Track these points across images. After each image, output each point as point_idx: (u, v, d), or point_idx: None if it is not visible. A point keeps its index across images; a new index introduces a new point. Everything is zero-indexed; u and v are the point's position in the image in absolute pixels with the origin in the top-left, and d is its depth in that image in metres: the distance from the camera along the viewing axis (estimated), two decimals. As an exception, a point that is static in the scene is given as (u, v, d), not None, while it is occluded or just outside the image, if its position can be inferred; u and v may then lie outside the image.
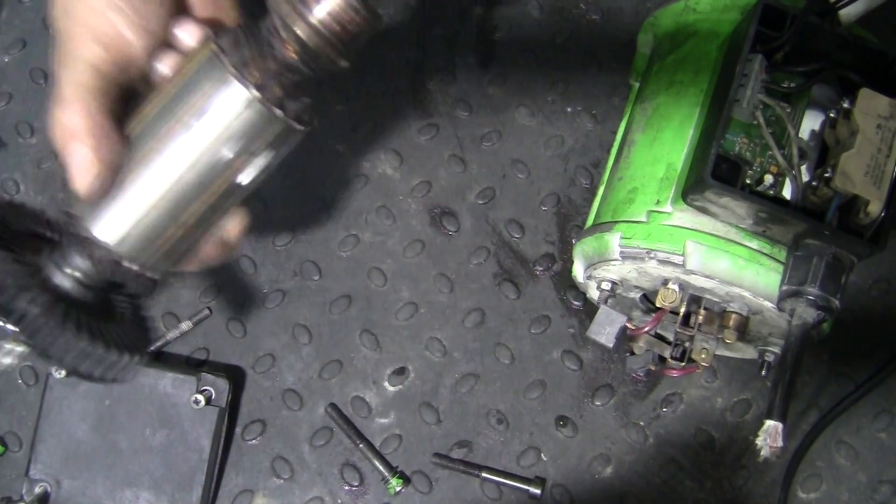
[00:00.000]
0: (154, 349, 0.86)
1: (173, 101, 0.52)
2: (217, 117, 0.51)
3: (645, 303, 0.74)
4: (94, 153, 0.51)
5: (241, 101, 0.51)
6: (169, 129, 0.52)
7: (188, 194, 0.52)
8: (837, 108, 0.65)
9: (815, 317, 0.62)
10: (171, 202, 0.52)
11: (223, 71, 0.50)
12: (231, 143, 0.51)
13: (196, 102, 0.51)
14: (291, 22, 0.50)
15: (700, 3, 0.76)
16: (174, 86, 0.52)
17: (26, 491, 0.80)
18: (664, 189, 0.69)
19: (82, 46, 0.53)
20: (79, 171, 0.51)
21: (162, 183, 0.52)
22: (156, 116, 0.52)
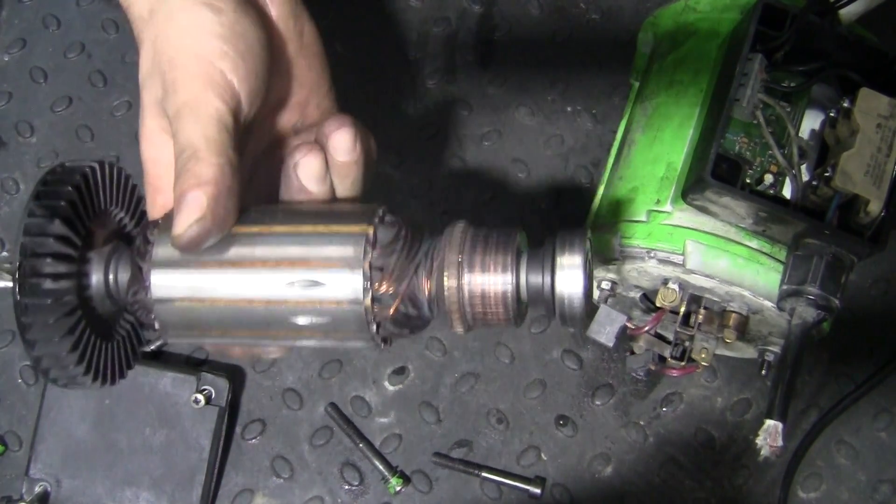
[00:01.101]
0: (154, 348, 0.86)
1: (300, 240, 0.51)
2: (322, 289, 0.50)
3: (645, 302, 0.74)
4: (211, 200, 0.50)
5: (350, 297, 0.50)
6: (278, 257, 0.51)
7: (248, 321, 0.51)
8: (837, 108, 0.65)
9: (814, 316, 0.62)
10: (229, 317, 0.52)
11: (358, 261, 0.49)
12: (314, 316, 0.50)
13: (315, 259, 0.50)
14: (448, 269, 0.50)
15: (700, 3, 0.76)
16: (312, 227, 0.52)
17: (26, 490, 0.80)
18: (664, 188, 0.69)
19: (203, 99, 0.52)
20: (188, 211, 0.50)
21: (233, 293, 0.51)
22: (275, 236, 0.51)
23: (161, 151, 0.55)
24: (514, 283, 0.50)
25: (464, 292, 0.50)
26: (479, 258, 0.50)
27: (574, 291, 0.49)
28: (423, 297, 0.50)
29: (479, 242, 0.50)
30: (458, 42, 0.95)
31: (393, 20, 0.96)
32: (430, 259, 0.50)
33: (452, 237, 0.51)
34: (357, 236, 0.50)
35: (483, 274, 0.50)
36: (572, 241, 0.50)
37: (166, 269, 0.51)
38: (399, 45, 0.95)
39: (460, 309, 0.50)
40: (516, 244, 0.51)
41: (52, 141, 0.93)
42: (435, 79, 0.94)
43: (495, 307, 0.50)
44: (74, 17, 0.98)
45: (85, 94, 0.95)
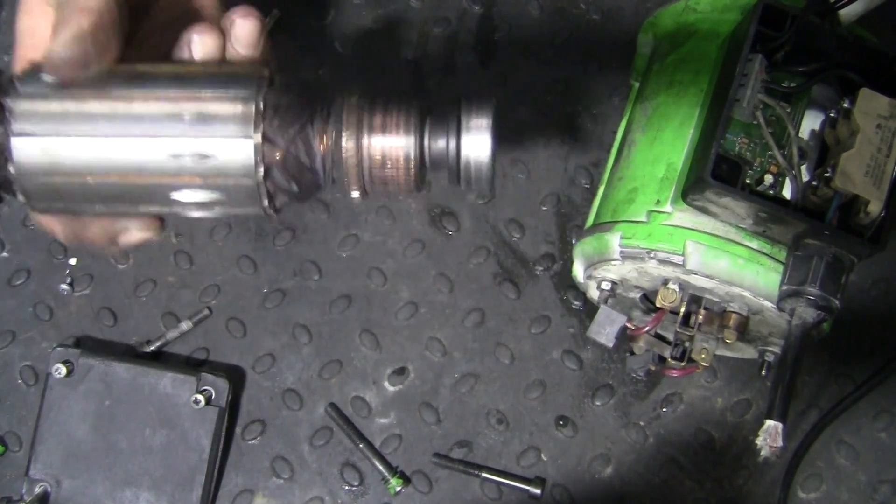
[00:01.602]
0: (154, 349, 0.86)
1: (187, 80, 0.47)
2: (205, 127, 0.46)
3: (645, 303, 0.74)
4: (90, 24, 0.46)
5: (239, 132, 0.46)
6: (158, 93, 0.47)
7: (120, 162, 0.47)
8: (837, 108, 0.65)
9: (815, 317, 0.62)
10: (98, 154, 0.47)
11: (252, 98, 0.46)
12: (198, 161, 0.46)
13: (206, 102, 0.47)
14: (348, 124, 0.47)
15: (700, 3, 0.76)
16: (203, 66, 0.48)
17: (26, 491, 0.80)
18: (664, 189, 0.69)
19: None
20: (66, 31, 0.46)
21: (106, 129, 0.46)
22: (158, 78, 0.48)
23: (39, 21, 0.50)
24: (418, 144, 0.48)
25: (363, 152, 0.47)
26: (380, 118, 0.48)
27: (481, 154, 0.48)
28: (318, 149, 0.48)
29: (378, 105, 0.48)
30: (458, 42, 0.95)
31: (393, 20, 0.96)
32: (326, 122, 0.48)
33: (350, 100, 0.48)
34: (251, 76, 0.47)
35: (384, 134, 0.48)
36: (479, 104, 0.48)
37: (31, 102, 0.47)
38: (399, 45, 0.95)
39: (358, 171, 0.48)
40: (419, 107, 0.49)
41: (51, 141, 0.93)
42: (435, 79, 0.94)
43: (396, 169, 0.48)
44: (74, 18, 0.97)
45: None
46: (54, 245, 0.89)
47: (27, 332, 0.87)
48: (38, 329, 0.87)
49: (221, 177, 0.47)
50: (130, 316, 0.87)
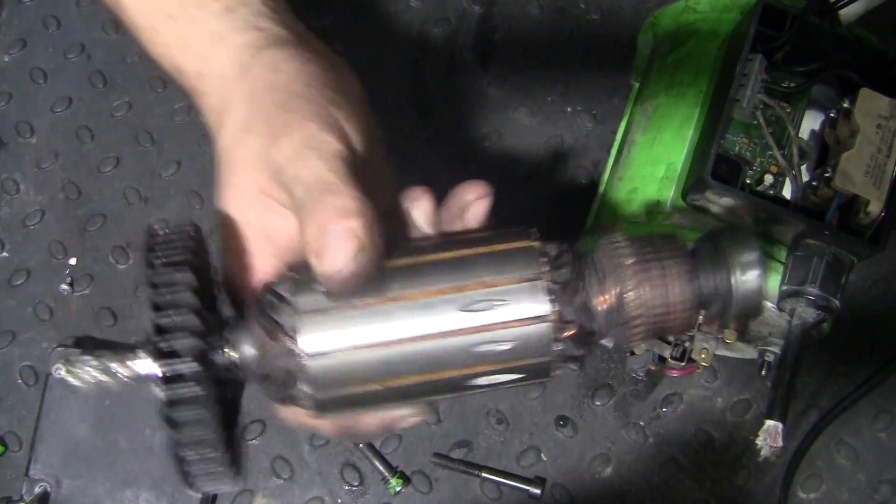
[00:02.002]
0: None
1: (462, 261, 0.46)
2: (503, 312, 0.45)
3: (645, 303, 0.74)
4: (364, 230, 0.43)
5: (537, 314, 0.45)
6: (444, 285, 0.45)
7: (421, 361, 0.45)
8: (837, 108, 0.65)
9: (815, 317, 0.62)
10: (399, 359, 0.45)
11: (539, 276, 0.46)
12: (498, 344, 0.45)
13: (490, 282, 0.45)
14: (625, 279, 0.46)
15: (700, 3, 0.76)
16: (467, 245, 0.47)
17: (26, 491, 0.80)
18: (664, 189, 0.69)
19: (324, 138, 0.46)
20: (341, 244, 0.43)
21: (403, 332, 0.45)
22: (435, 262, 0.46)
23: (252, 214, 0.49)
24: (698, 285, 0.47)
25: (646, 300, 0.47)
26: (656, 264, 0.47)
27: (752, 291, 0.47)
28: (598, 310, 0.47)
29: (647, 247, 0.48)
30: (458, 42, 0.95)
31: (393, 20, 0.96)
32: (598, 270, 0.47)
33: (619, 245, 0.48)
34: (529, 252, 0.47)
35: (664, 280, 0.47)
36: (744, 240, 0.48)
37: (316, 318, 0.44)
38: (399, 45, 0.95)
39: (643, 318, 0.47)
40: (687, 251, 0.48)
41: (51, 141, 0.93)
42: (435, 79, 0.94)
43: (676, 313, 0.47)
44: (74, 18, 0.98)
45: (85, 94, 0.95)
46: (54, 245, 0.89)
47: (27, 332, 0.87)
48: (38, 329, 0.87)
49: (520, 358, 0.46)
50: (130, 316, 0.87)
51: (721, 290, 0.48)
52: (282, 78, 0.49)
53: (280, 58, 0.50)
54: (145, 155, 0.93)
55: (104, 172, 0.92)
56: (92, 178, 0.92)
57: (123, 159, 0.92)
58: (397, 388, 0.46)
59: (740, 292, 0.47)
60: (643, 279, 0.46)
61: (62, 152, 0.93)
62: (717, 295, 0.48)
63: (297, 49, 0.51)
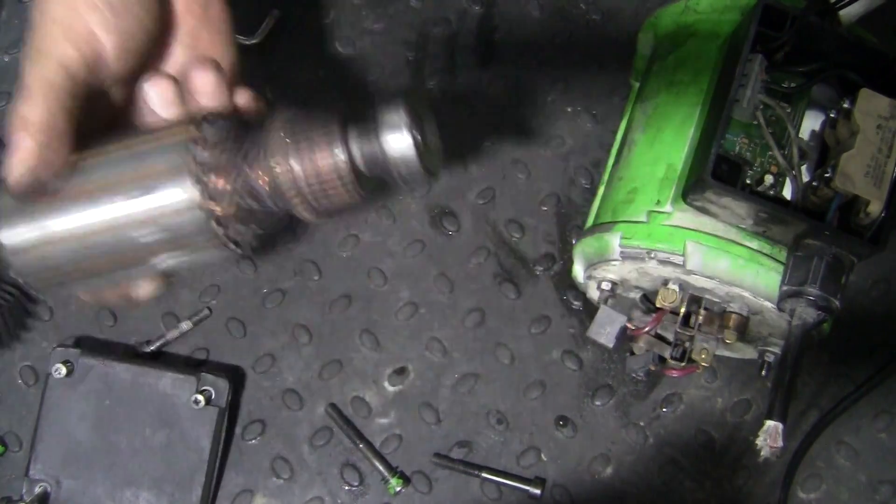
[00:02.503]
0: (154, 349, 0.86)
1: (130, 160, 0.50)
2: (158, 204, 0.49)
3: (645, 303, 0.74)
4: (38, 149, 0.49)
5: (186, 202, 0.49)
6: (112, 184, 0.50)
7: (101, 252, 0.51)
8: (837, 108, 0.65)
9: (815, 317, 0.62)
10: (81, 249, 0.51)
11: (185, 164, 0.49)
12: (160, 232, 0.49)
13: (148, 177, 0.49)
14: (275, 154, 0.48)
15: (700, 4, 0.76)
16: (140, 144, 0.51)
17: (26, 491, 0.80)
18: (664, 189, 0.69)
19: (53, 43, 0.52)
20: (17, 161, 0.49)
21: (81, 226, 0.50)
22: (107, 162, 0.51)
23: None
24: (346, 153, 0.48)
25: (297, 175, 0.48)
26: (304, 136, 0.48)
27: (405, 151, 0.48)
28: (262, 188, 0.49)
29: (300, 125, 0.49)
30: (458, 42, 0.95)
31: (393, 20, 0.96)
32: (258, 148, 0.49)
33: (273, 122, 0.49)
34: (180, 136, 0.49)
35: (312, 151, 0.48)
36: (393, 100, 0.48)
37: (8, 219, 0.51)
38: (399, 45, 0.95)
39: (299, 193, 0.48)
40: (340, 116, 0.49)
41: (51, 141, 0.93)
42: (435, 79, 0.94)
43: (334, 185, 0.48)
44: (74, 18, 0.97)
45: (85, 94, 0.95)
46: (54, 245, 0.89)
47: (27, 332, 0.87)
48: (38, 329, 0.87)
49: (184, 239, 0.50)
50: (130, 316, 0.87)
51: (377, 155, 0.48)
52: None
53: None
54: (145, 155, 0.93)
55: (104, 172, 0.92)
56: (92, 178, 0.92)
57: (123, 159, 0.92)
58: (92, 273, 0.52)
59: (394, 154, 0.48)
60: (290, 152, 0.48)
61: (62, 152, 0.93)
62: (374, 161, 0.48)
63: None
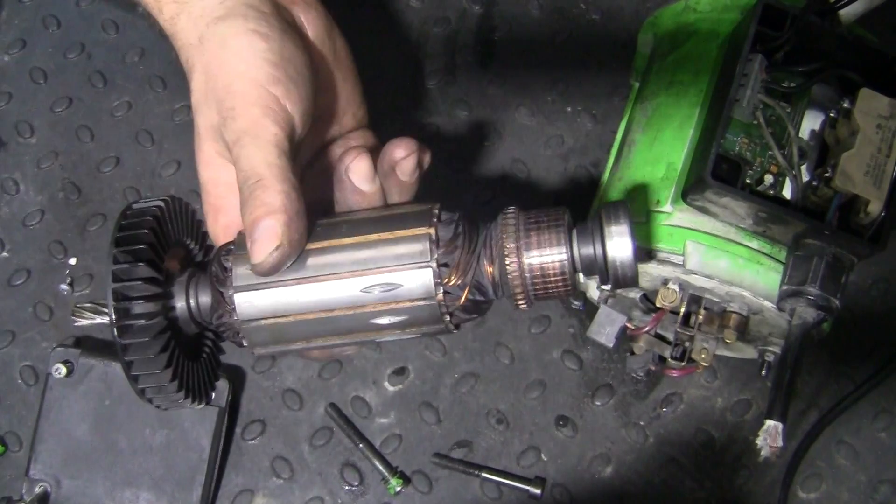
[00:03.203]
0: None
1: (366, 246, 0.55)
2: (397, 290, 0.54)
3: (645, 303, 0.74)
4: (285, 228, 0.52)
5: (425, 295, 0.54)
6: (352, 266, 0.54)
7: (330, 330, 0.56)
8: (837, 108, 0.65)
9: (815, 317, 0.62)
10: (313, 328, 0.55)
11: (427, 263, 0.54)
12: (392, 315, 0.55)
13: (386, 263, 0.54)
14: (509, 254, 0.54)
15: (700, 3, 0.76)
16: (373, 230, 0.55)
17: (26, 491, 0.80)
18: (664, 189, 0.69)
19: (259, 126, 0.54)
20: (265, 240, 0.52)
21: (315, 306, 0.55)
22: (345, 246, 0.55)
23: (219, 173, 0.58)
24: (570, 256, 0.54)
25: (525, 271, 0.54)
26: (535, 238, 0.54)
27: (625, 256, 0.53)
28: (488, 282, 0.55)
29: (531, 224, 0.55)
30: (458, 42, 0.95)
31: (393, 20, 0.96)
32: (489, 247, 0.55)
33: (507, 223, 0.55)
34: (422, 237, 0.54)
35: (540, 252, 0.54)
36: (617, 212, 0.54)
37: (248, 291, 0.55)
38: (399, 45, 0.95)
39: (524, 287, 0.54)
40: (566, 221, 0.55)
41: (52, 141, 0.93)
42: (435, 79, 0.94)
43: (555, 280, 0.54)
44: (74, 17, 0.98)
45: (85, 94, 0.95)
46: (54, 245, 0.89)
47: (27, 332, 0.87)
48: (38, 329, 0.87)
49: (413, 325, 0.55)
50: (130, 316, 0.87)
51: (598, 260, 0.54)
52: (229, 57, 0.56)
53: (230, 34, 0.56)
54: (145, 155, 0.93)
55: (104, 172, 0.92)
56: (92, 177, 0.92)
57: (123, 159, 0.92)
58: (315, 346, 0.57)
59: (615, 260, 0.54)
60: (522, 252, 0.54)
61: (62, 152, 0.93)
62: (594, 263, 0.54)
63: (249, 23, 0.56)
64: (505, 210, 0.56)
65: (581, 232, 0.55)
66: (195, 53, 0.57)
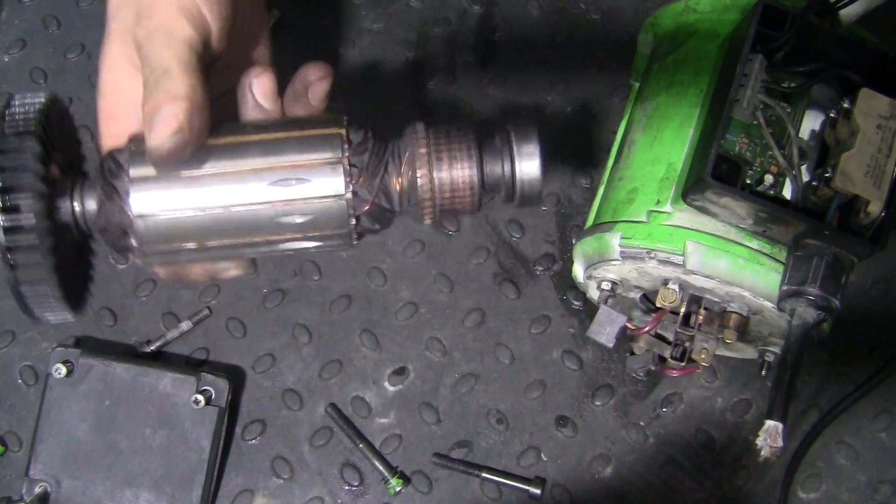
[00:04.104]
0: (154, 349, 0.86)
1: (275, 143, 0.54)
2: (305, 189, 0.53)
3: (645, 303, 0.74)
4: (185, 114, 0.51)
5: (334, 192, 0.53)
6: (257, 162, 0.53)
7: (232, 227, 0.54)
8: (837, 108, 0.65)
9: (815, 317, 0.62)
10: (213, 224, 0.53)
11: (339, 159, 0.53)
12: (300, 216, 0.53)
13: (296, 162, 0.53)
14: (419, 164, 0.54)
15: (700, 3, 0.76)
16: (283, 129, 0.55)
17: (26, 491, 0.80)
18: (664, 189, 0.69)
19: (175, 24, 0.53)
20: (164, 127, 0.50)
21: (217, 201, 0.53)
22: (252, 143, 0.54)
23: (122, 78, 0.56)
24: (479, 173, 0.55)
25: (435, 184, 0.54)
26: (446, 154, 0.54)
27: (533, 176, 0.55)
28: (395, 191, 0.55)
29: (442, 139, 0.55)
30: (458, 42, 0.95)
31: (393, 20, 0.96)
32: (397, 157, 0.55)
33: (417, 136, 0.55)
34: (333, 136, 0.54)
35: (451, 167, 0.54)
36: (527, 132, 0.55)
37: (145, 184, 0.52)
38: (399, 45, 0.95)
39: (432, 199, 0.55)
40: (476, 138, 0.55)
41: (51, 141, 0.93)
42: (435, 79, 0.94)
43: (463, 197, 0.55)
44: (74, 18, 0.98)
45: (85, 94, 0.95)
46: (54, 245, 0.89)
47: (27, 332, 0.87)
48: (38, 329, 0.87)
49: (318, 226, 0.54)
50: (130, 316, 0.87)
51: (505, 177, 0.55)
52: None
53: None
54: (145, 155, 0.93)
55: (104, 172, 0.92)
56: (92, 178, 0.92)
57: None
58: (212, 246, 0.54)
59: (523, 179, 0.55)
60: (433, 165, 0.54)
61: (62, 152, 0.93)
62: (502, 181, 0.55)
63: None
64: (413, 124, 0.56)
65: (489, 149, 0.55)
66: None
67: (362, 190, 0.54)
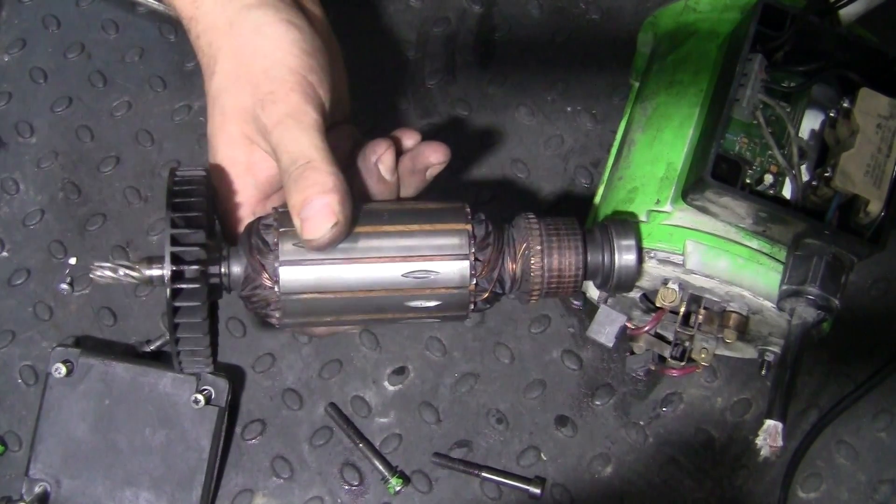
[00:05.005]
0: (154, 349, 0.86)
1: (409, 235, 0.60)
2: (434, 280, 0.60)
3: (645, 302, 0.74)
4: (339, 206, 0.55)
5: (460, 284, 0.60)
6: (393, 252, 0.59)
7: (366, 307, 0.60)
8: (837, 108, 0.65)
9: (814, 316, 0.62)
10: (350, 304, 0.60)
11: (465, 255, 0.60)
12: (426, 300, 0.60)
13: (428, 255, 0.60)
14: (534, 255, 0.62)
15: (700, 3, 0.76)
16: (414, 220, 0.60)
17: (26, 491, 0.80)
18: (664, 189, 0.69)
19: (303, 111, 0.57)
20: (321, 217, 0.55)
21: (356, 286, 0.59)
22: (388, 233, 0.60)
23: (238, 154, 0.61)
24: (584, 261, 0.63)
25: (545, 272, 0.62)
26: (556, 247, 0.62)
27: (630, 265, 0.64)
28: (508, 277, 0.62)
29: (551, 230, 0.63)
30: (458, 42, 0.95)
31: (393, 20, 0.96)
32: (511, 247, 0.62)
33: (531, 227, 0.63)
34: (461, 231, 0.61)
35: (560, 256, 0.62)
36: (626, 228, 0.64)
37: (294, 265, 0.58)
38: (399, 45, 0.95)
39: (541, 287, 0.63)
40: (580, 229, 0.64)
41: (51, 141, 0.93)
42: (435, 79, 0.94)
43: (567, 282, 0.63)
44: (74, 17, 0.98)
45: (85, 94, 0.95)
46: (54, 245, 0.89)
47: (27, 332, 0.87)
48: (38, 329, 0.87)
49: (442, 311, 0.61)
50: (130, 316, 0.87)
51: (605, 266, 0.64)
52: (265, 44, 0.58)
53: (265, 21, 0.59)
54: (145, 155, 0.93)
55: (104, 172, 0.92)
56: (92, 177, 0.92)
57: (123, 159, 0.92)
58: (345, 321, 0.63)
59: (620, 268, 0.64)
60: (545, 257, 0.62)
61: (62, 152, 0.93)
62: (600, 269, 0.64)
63: (280, 13, 0.59)
64: (526, 215, 0.63)
65: (590, 240, 0.64)
66: (222, 37, 0.59)
67: (482, 281, 0.61)
